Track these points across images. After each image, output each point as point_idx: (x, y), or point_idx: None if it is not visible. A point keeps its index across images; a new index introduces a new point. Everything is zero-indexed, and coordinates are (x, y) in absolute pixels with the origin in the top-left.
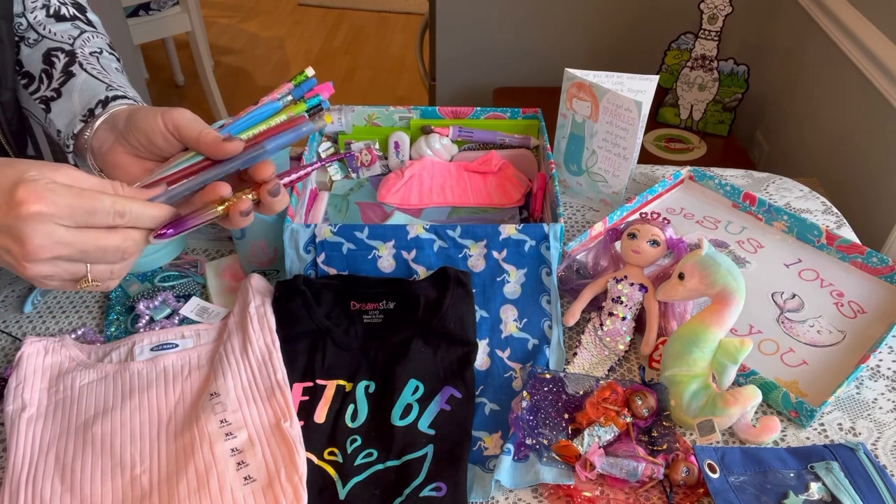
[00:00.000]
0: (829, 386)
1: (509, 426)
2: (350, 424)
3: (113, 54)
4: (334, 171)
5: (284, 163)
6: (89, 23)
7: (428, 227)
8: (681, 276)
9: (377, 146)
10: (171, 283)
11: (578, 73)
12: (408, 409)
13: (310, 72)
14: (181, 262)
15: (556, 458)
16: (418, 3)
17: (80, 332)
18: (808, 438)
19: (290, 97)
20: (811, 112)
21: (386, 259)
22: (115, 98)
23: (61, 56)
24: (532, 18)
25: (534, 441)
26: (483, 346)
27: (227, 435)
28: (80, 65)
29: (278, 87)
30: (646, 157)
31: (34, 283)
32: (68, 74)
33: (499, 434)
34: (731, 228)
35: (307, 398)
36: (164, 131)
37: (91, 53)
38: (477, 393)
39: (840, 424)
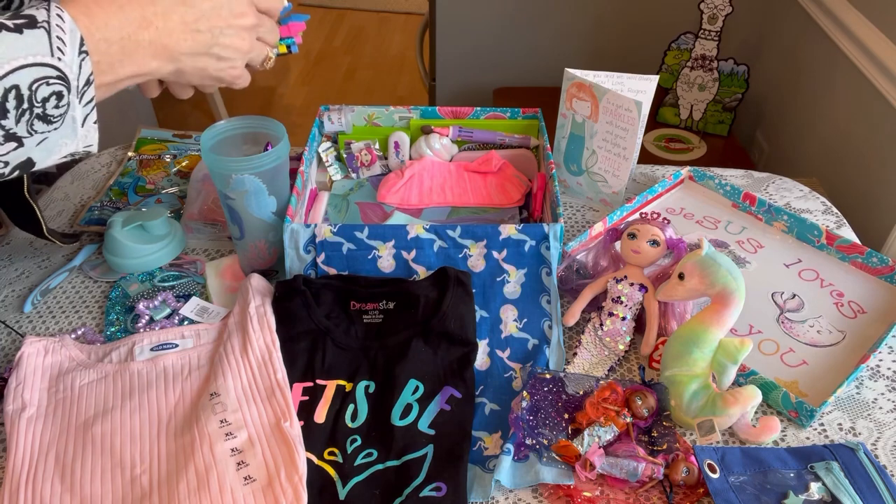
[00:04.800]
0: (829, 386)
1: (509, 426)
2: (350, 424)
3: None
4: (334, 172)
5: (285, 163)
6: None
7: (428, 227)
8: (681, 276)
9: (377, 146)
10: (171, 283)
11: (578, 73)
12: (408, 409)
13: None
14: (181, 262)
15: (556, 458)
16: (418, 3)
17: (80, 332)
18: (808, 438)
19: None
20: (811, 112)
21: (386, 259)
22: None
23: None
24: (532, 18)
25: (534, 441)
26: (483, 346)
27: (227, 435)
28: None
29: None
30: (646, 157)
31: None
32: None
33: (499, 434)
34: (731, 228)
35: (307, 398)
36: None
37: None
38: (477, 393)
39: (840, 424)
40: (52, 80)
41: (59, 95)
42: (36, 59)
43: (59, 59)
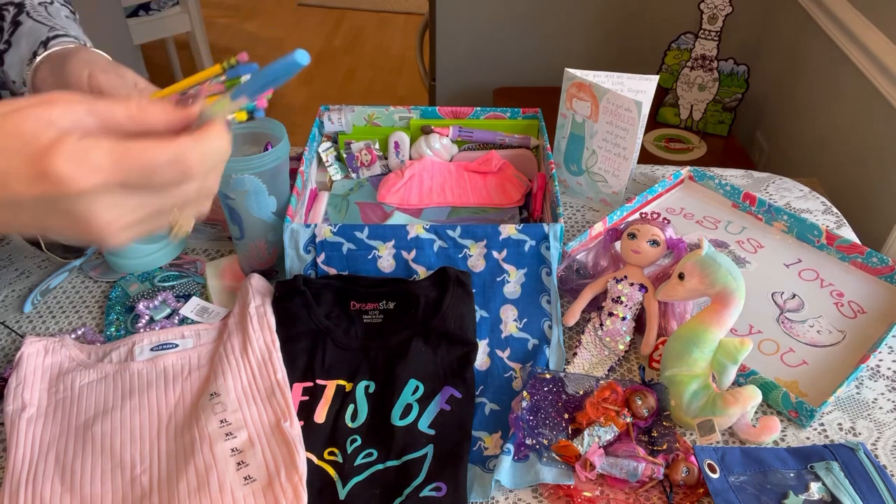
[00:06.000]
0: (829, 386)
1: (509, 426)
2: (350, 424)
3: (66, 5)
4: (334, 172)
5: (285, 163)
6: None
7: (428, 227)
8: (681, 276)
9: (377, 146)
10: (171, 283)
11: (578, 73)
12: (408, 409)
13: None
14: (181, 262)
15: (556, 458)
16: (418, 3)
17: (80, 332)
18: (808, 438)
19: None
20: (811, 112)
21: (386, 259)
22: (56, 37)
23: (11, 9)
24: (532, 18)
25: (534, 441)
26: (483, 346)
27: (227, 435)
28: (28, 14)
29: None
30: (646, 157)
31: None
32: (16, 24)
33: (499, 434)
34: (731, 228)
35: (307, 398)
36: (87, 91)
37: (40, 3)
38: (477, 393)
39: (840, 424)
40: None
41: None
42: None
43: None
